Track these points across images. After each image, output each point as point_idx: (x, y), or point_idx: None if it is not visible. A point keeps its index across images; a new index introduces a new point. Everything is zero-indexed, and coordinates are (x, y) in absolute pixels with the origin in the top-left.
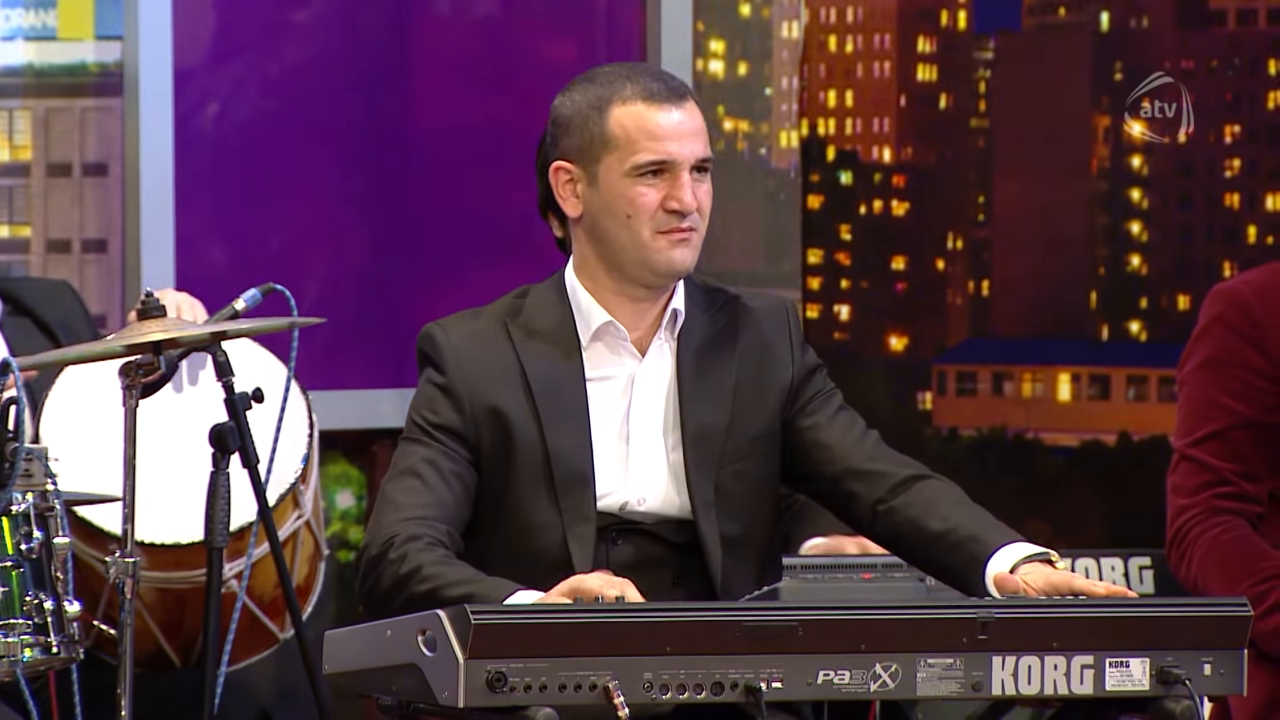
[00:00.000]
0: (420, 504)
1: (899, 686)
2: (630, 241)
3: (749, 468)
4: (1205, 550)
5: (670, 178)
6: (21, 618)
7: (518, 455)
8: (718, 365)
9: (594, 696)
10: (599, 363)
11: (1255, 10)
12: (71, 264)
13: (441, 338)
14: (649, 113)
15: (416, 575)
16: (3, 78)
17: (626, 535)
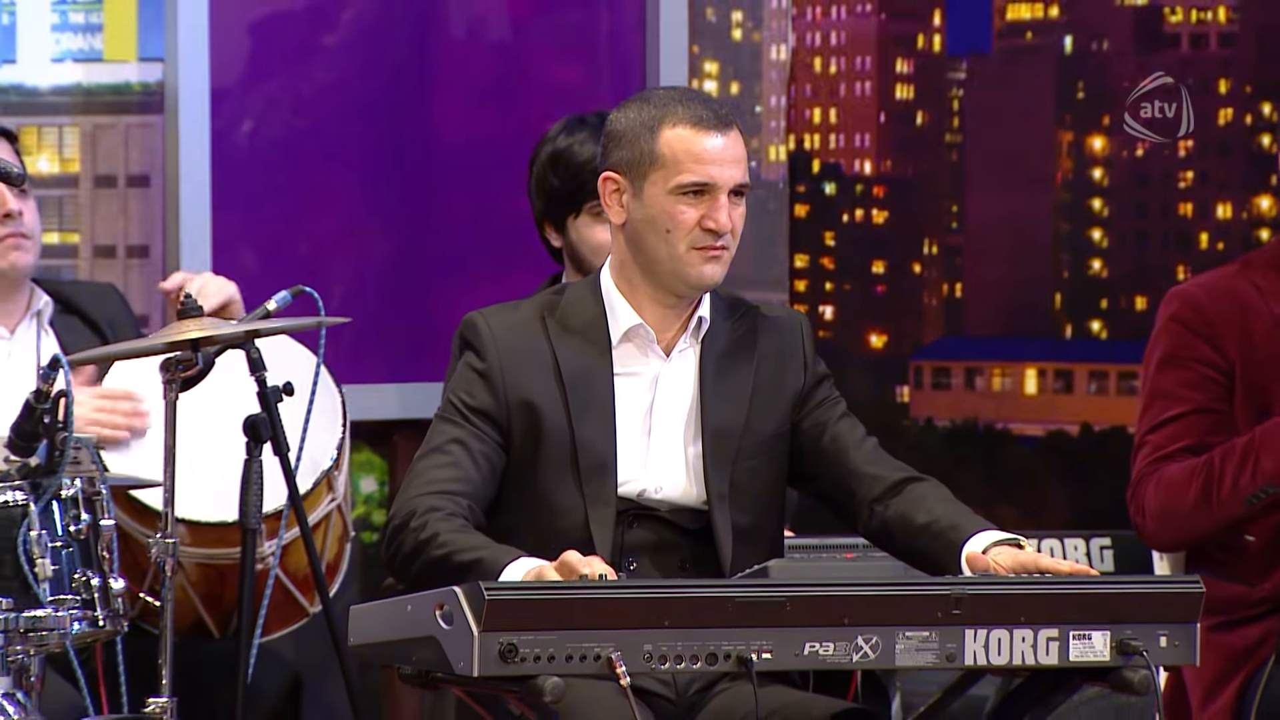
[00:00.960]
0: (446, 479)
1: (879, 657)
2: (667, 254)
3: (761, 465)
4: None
5: (709, 199)
6: (70, 594)
7: (546, 441)
8: (737, 369)
9: (598, 666)
10: (627, 361)
11: (1206, 34)
12: (116, 268)
13: (483, 326)
14: (696, 137)
15: (433, 541)
16: (53, 96)
17: (642, 520)
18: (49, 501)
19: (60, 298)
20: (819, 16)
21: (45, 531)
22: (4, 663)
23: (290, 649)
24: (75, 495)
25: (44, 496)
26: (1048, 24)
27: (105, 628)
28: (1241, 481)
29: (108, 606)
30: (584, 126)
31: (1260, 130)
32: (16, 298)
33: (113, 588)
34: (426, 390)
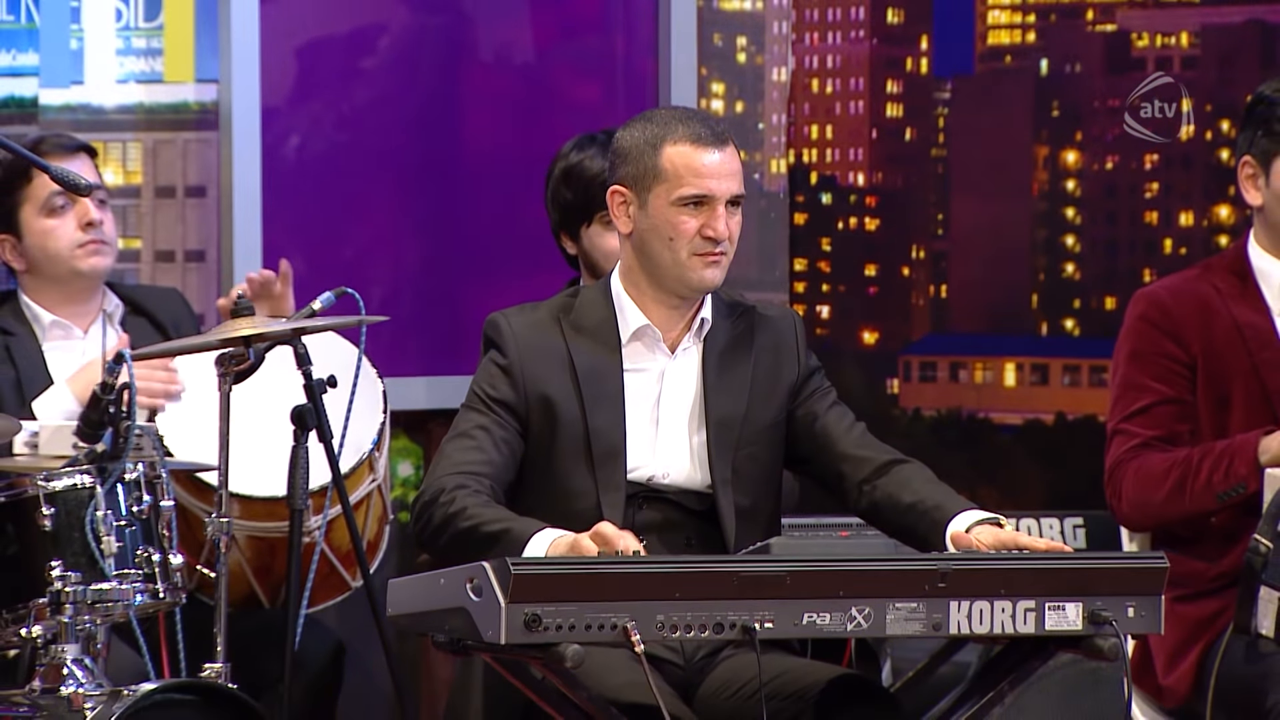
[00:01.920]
0: (471, 461)
1: (871, 626)
2: (670, 260)
3: (760, 451)
4: (1131, 480)
5: (708, 210)
6: (133, 568)
7: (561, 431)
8: (737, 365)
9: (615, 635)
10: (635, 358)
11: (1170, 58)
12: (175, 271)
13: (505, 326)
14: (695, 153)
15: (461, 515)
16: (117, 114)
17: (651, 502)
18: (114, 484)
19: (130, 301)
20: (816, 41)
21: (110, 511)
22: (73, 631)
23: (334, 619)
24: (138, 478)
25: (110, 479)
26: (1025, 48)
27: (165, 599)
28: (1215, 479)
29: (167, 580)
30: (593, 143)
31: (1219, 145)
32: (91, 300)
33: (172, 563)
34: (457, 383)
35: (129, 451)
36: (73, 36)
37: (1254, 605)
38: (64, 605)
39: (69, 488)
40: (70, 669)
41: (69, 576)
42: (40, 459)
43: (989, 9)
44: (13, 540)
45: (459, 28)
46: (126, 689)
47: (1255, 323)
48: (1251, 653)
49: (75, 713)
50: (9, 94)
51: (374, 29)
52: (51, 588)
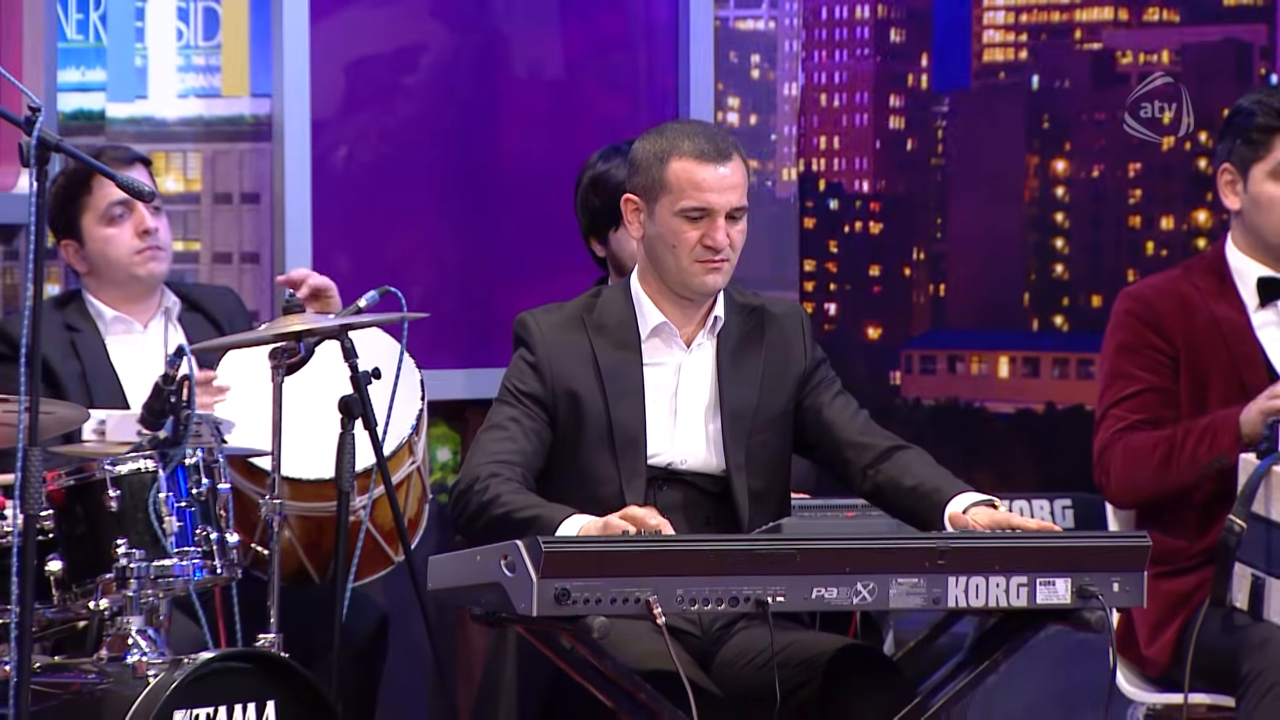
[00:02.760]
0: (504, 450)
1: (875, 600)
2: (674, 265)
3: (771, 438)
4: (1120, 457)
5: (709, 221)
6: (193, 546)
7: (586, 422)
8: (748, 359)
9: (638, 608)
10: (654, 353)
11: (1154, 72)
12: (232, 272)
13: (533, 325)
14: (697, 168)
15: (495, 502)
16: (178, 127)
17: (670, 485)
18: (175, 468)
19: (186, 298)
20: (824, 59)
21: (172, 494)
22: (138, 604)
23: (378, 593)
24: (197, 463)
25: (171, 464)
26: (1018, 65)
27: (222, 575)
28: (1199, 452)
29: (224, 557)
30: (618, 154)
31: (1198, 154)
32: (150, 299)
33: (228, 541)
34: (492, 374)
35: (189, 438)
36: (137, 54)
37: (1229, 580)
38: (129, 580)
39: (133, 472)
40: (135, 639)
41: (133, 554)
42: (107, 445)
43: (984, 29)
44: (81, 520)
45: (494, 46)
46: (186, 658)
47: (1232, 319)
48: (1227, 625)
49: (139, 680)
50: (78, 108)
51: (416, 48)
52: (117, 564)
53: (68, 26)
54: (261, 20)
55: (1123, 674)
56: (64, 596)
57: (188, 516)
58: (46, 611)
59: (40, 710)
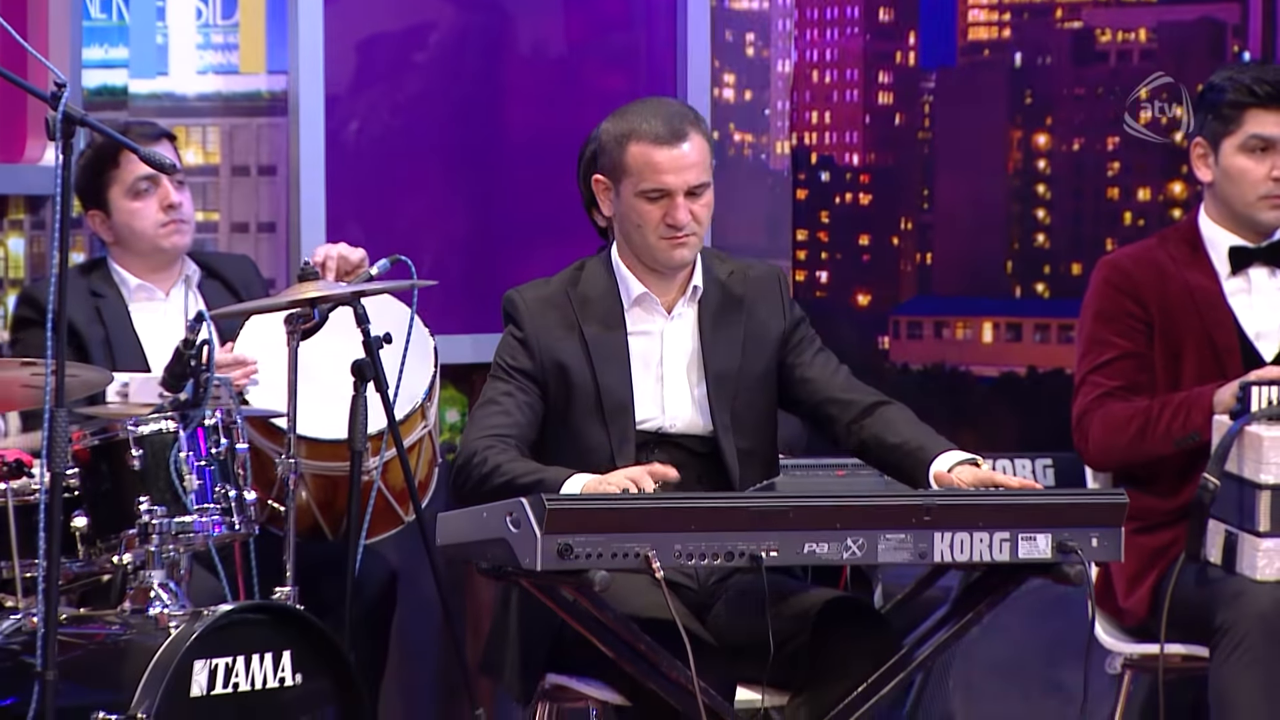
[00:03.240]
0: (499, 424)
1: (864, 555)
2: (641, 242)
3: (755, 398)
4: (1098, 425)
5: (668, 200)
6: (212, 503)
7: (575, 392)
8: (729, 322)
9: (637, 562)
10: (637, 322)
11: (1131, 51)
12: (249, 241)
13: (520, 301)
14: (654, 151)
15: (495, 472)
16: (198, 102)
17: (661, 447)
18: (195, 429)
19: (206, 266)
20: (816, 37)
21: (192, 453)
22: (159, 559)
23: (389, 549)
24: (216, 424)
25: (191, 425)
26: (1001, 43)
27: (240, 531)
28: (1174, 427)
29: (242, 513)
30: None
31: (1173, 129)
32: (172, 268)
33: (246, 499)
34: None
35: (208, 400)
36: (158, 32)
37: (1203, 536)
38: (151, 536)
39: (155, 432)
40: (157, 592)
41: (155, 510)
42: (130, 407)
43: (969, 8)
44: (106, 478)
45: (500, 25)
46: (206, 610)
47: (1205, 287)
48: (1201, 578)
49: (161, 630)
50: (102, 84)
51: (424, 26)
52: (140, 520)
53: (91, 6)
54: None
55: (1101, 625)
56: (89, 551)
57: (207, 475)
58: (72, 565)
59: (67, 660)
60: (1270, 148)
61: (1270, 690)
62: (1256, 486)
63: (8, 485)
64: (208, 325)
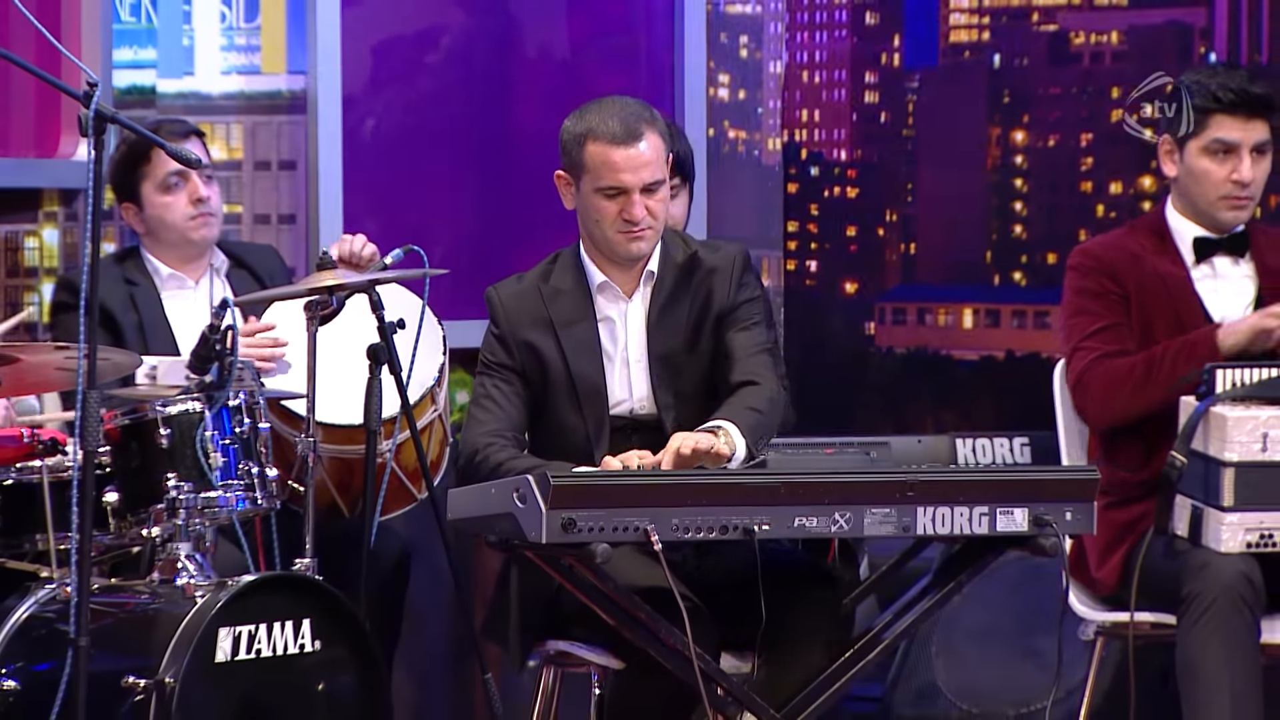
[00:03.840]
0: (494, 419)
1: (851, 528)
2: (600, 236)
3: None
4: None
5: (625, 197)
6: (236, 479)
7: (551, 380)
8: (677, 306)
9: (637, 535)
10: (603, 308)
11: (1103, 52)
12: (271, 232)
13: (496, 300)
14: (610, 150)
15: (499, 470)
16: (222, 101)
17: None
18: (220, 409)
19: (233, 256)
20: (806, 39)
21: (217, 432)
22: (186, 532)
23: (402, 525)
24: (240, 405)
25: (216, 405)
26: (981, 45)
27: (262, 505)
28: (1179, 364)
29: (264, 489)
30: None
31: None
32: (201, 258)
33: (268, 475)
34: None
35: (232, 382)
36: (184, 35)
37: (1171, 510)
38: (178, 510)
39: (182, 412)
40: (184, 563)
41: (182, 486)
42: (158, 388)
43: (950, 12)
44: (136, 456)
45: (507, 28)
46: (230, 580)
47: (1174, 273)
48: (1169, 550)
49: (188, 599)
50: (131, 83)
51: (437, 29)
52: (168, 495)
53: (122, 9)
54: (297, 4)
55: (1074, 595)
56: (120, 525)
57: (231, 453)
58: (104, 538)
59: (99, 628)
60: (1232, 151)
61: (1233, 655)
62: (1221, 464)
63: (43, 462)
64: (232, 311)
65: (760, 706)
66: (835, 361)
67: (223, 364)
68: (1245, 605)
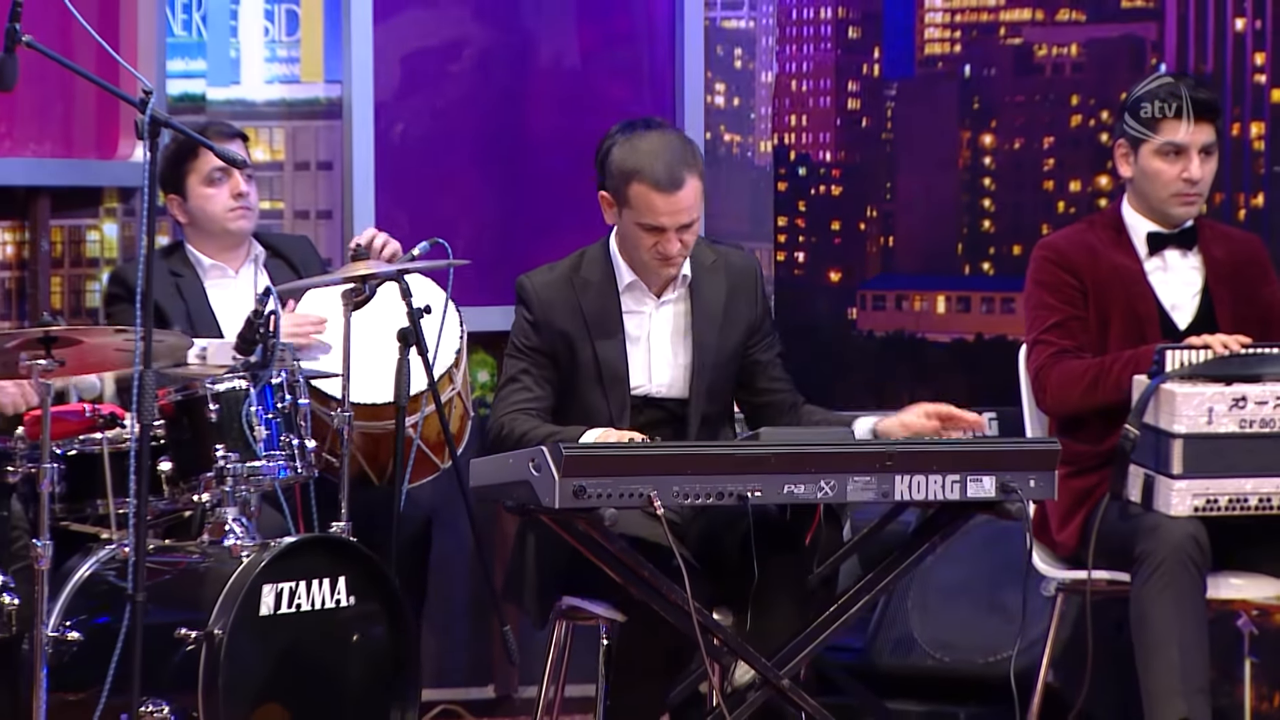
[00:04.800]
0: (521, 399)
1: (835, 495)
2: (636, 258)
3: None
4: (1055, 379)
5: (662, 235)
6: (278, 450)
7: (579, 364)
8: (713, 306)
9: (641, 501)
10: (630, 304)
11: (1064, 64)
12: (309, 226)
13: (529, 287)
14: (653, 195)
15: (522, 440)
16: (265, 107)
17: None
18: (263, 386)
19: (271, 247)
20: (795, 52)
21: (261, 407)
22: (233, 498)
23: (427, 492)
24: (281, 383)
25: (260, 383)
26: (953, 57)
27: (302, 474)
28: (1124, 376)
29: (303, 459)
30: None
31: (1100, 130)
32: (241, 249)
33: (307, 446)
34: None
35: (274, 362)
36: (231, 47)
37: (1125, 478)
38: (226, 478)
39: (229, 389)
40: (230, 526)
41: (229, 456)
42: (207, 368)
43: (925, 27)
44: (187, 429)
45: (523, 42)
46: (273, 541)
47: (1128, 265)
48: (1123, 514)
49: (234, 559)
50: (183, 91)
51: (459, 42)
52: (216, 465)
53: (174, 24)
54: (333, 19)
55: (1037, 555)
56: (173, 491)
57: (274, 426)
58: (159, 503)
59: (154, 584)
60: (1181, 153)
61: (1182, 609)
62: (1170, 435)
63: (104, 435)
64: (273, 298)
65: (752, 655)
66: (821, 343)
67: (266, 345)
68: (1193, 564)
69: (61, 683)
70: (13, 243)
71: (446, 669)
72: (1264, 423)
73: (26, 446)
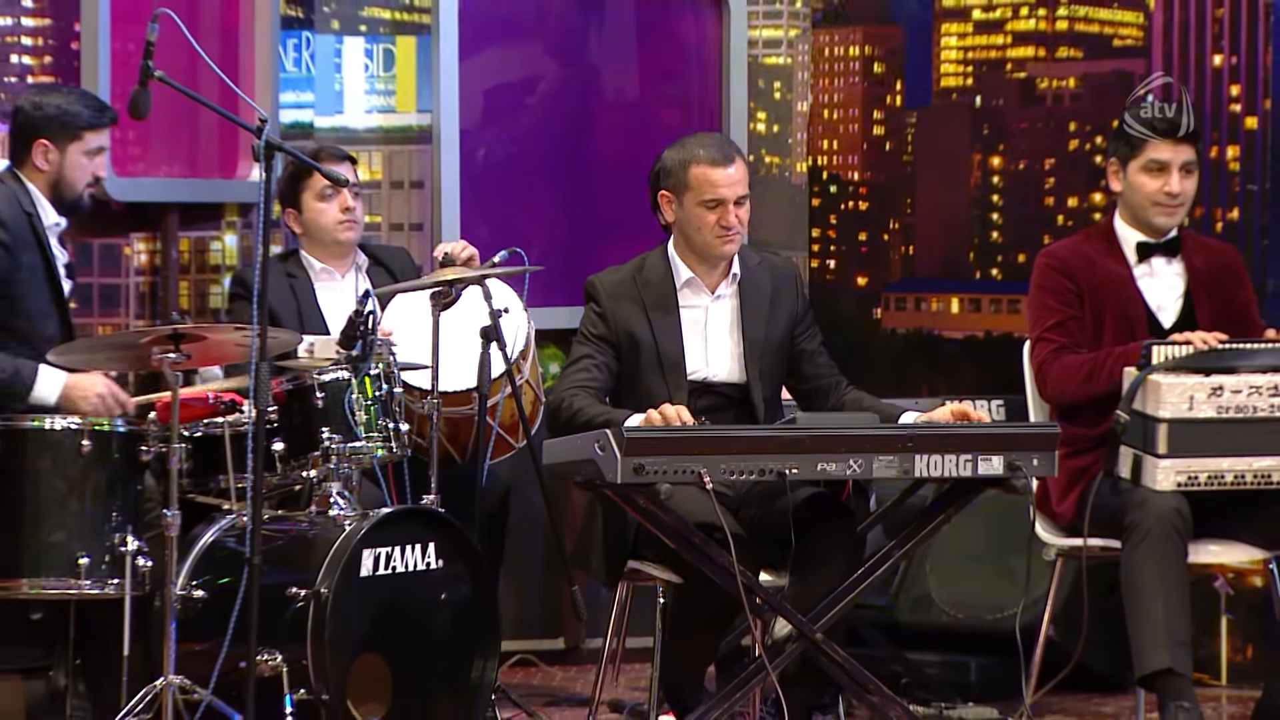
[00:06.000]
0: (582, 379)
1: (863, 471)
2: (699, 241)
3: (776, 360)
4: (1055, 372)
5: (722, 208)
6: (376, 433)
7: (641, 352)
8: (761, 301)
9: (693, 477)
10: (686, 298)
11: (1064, 94)
12: (403, 237)
13: (599, 284)
14: (711, 171)
15: (578, 414)
16: (366, 134)
17: (706, 394)
18: (363, 377)
19: (373, 256)
20: (826, 84)
21: (361, 395)
22: (337, 474)
23: (505, 469)
24: (379, 374)
25: (360, 374)
26: (966, 89)
27: (396, 454)
28: (1115, 369)
29: (398, 441)
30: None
31: (1095, 153)
32: (347, 257)
33: (401, 430)
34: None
35: (373, 355)
36: (336, 81)
37: (1117, 457)
38: (330, 457)
39: (334, 379)
40: (335, 499)
41: (334, 438)
42: (315, 360)
43: (942, 63)
44: (297, 415)
45: (590, 77)
46: (371, 512)
47: (1119, 273)
48: (1115, 489)
49: (338, 527)
50: (294, 120)
51: (534, 77)
52: (322, 445)
53: (286, 62)
54: (424, 57)
55: (1040, 525)
56: (285, 468)
57: (372, 411)
58: (272, 479)
59: (268, 549)
60: (1164, 169)
61: (1166, 572)
62: (1156, 420)
63: (225, 419)
64: (373, 300)
65: (790, 612)
66: (849, 339)
67: (365, 341)
68: (1176, 533)
69: (188, 635)
70: (147, 252)
71: (523, 623)
72: (1239, 409)
73: (159, 429)
